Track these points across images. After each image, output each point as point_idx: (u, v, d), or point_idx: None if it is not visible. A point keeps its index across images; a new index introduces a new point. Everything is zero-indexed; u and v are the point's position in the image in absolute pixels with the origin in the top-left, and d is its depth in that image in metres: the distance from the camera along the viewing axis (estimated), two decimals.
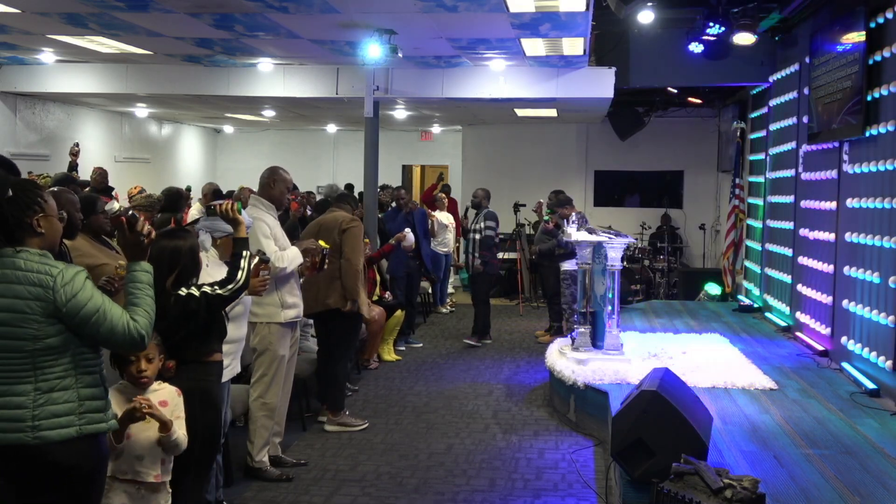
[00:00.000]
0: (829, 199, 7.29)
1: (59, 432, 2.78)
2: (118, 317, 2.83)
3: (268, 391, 5.17)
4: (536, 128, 14.98)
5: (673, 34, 9.40)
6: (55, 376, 2.80)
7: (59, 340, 2.79)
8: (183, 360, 3.52)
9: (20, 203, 2.82)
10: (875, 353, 6.05)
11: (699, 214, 14.17)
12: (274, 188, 5.28)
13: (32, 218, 2.84)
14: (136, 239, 3.00)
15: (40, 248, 2.85)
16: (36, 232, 2.84)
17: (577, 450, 5.82)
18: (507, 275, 13.53)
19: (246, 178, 15.74)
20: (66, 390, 2.81)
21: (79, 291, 2.79)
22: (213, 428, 3.61)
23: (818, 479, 4.24)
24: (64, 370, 2.82)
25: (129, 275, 2.97)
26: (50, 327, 2.78)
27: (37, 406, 2.77)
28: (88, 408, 2.85)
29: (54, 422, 2.79)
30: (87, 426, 2.84)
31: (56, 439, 2.78)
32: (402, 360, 8.77)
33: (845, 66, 6.76)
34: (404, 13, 7.27)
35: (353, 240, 6.09)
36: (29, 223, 2.83)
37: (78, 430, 2.82)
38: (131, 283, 2.95)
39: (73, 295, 2.78)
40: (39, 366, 2.78)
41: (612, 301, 6.64)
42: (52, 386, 2.79)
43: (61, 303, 2.76)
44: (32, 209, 2.84)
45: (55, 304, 2.76)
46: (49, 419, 2.78)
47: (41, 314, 2.76)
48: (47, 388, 2.79)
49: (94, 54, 9.78)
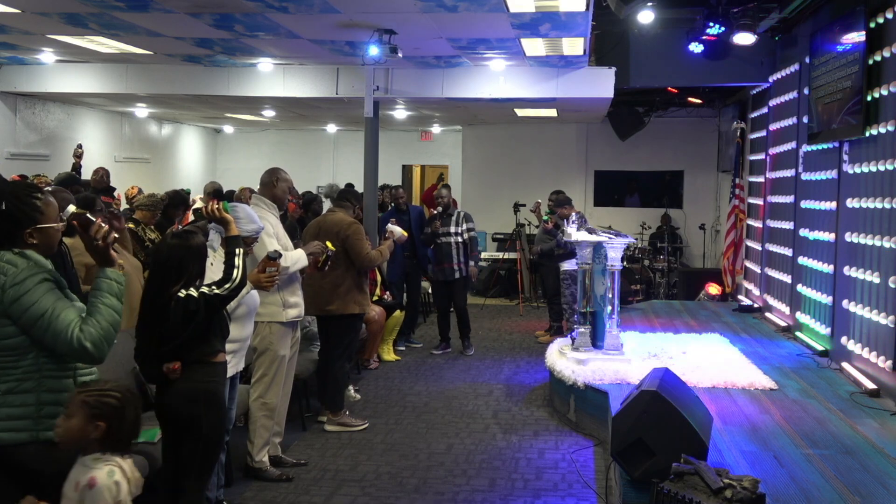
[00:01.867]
0: (829, 199, 7.29)
1: (11, 435, 2.70)
2: (64, 324, 2.71)
3: (268, 391, 5.17)
4: (536, 128, 14.98)
5: (673, 34, 9.40)
6: (14, 378, 2.72)
7: (16, 342, 2.71)
8: (187, 361, 3.51)
9: (13, 217, 2.76)
10: (875, 353, 6.05)
11: (699, 214, 14.18)
12: (276, 187, 5.31)
13: (24, 230, 2.77)
14: (90, 242, 2.89)
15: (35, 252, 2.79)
16: (28, 244, 2.79)
17: (577, 450, 5.83)
18: (507, 275, 13.55)
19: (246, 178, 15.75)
20: (24, 393, 2.72)
21: (25, 293, 2.69)
22: (217, 428, 3.60)
23: (818, 479, 4.24)
24: (24, 373, 2.73)
25: (94, 281, 2.86)
26: (4, 328, 2.69)
27: None
28: (48, 413, 2.75)
29: (8, 424, 2.70)
30: (45, 432, 2.74)
31: (9, 441, 2.70)
32: (402, 360, 8.77)
33: (845, 66, 6.76)
34: (404, 13, 7.27)
35: (357, 243, 6.17)
36: (21, 236, 2.77)
37: (33, 434, 2.73)
38: (92, 291, 2.83)
39: (18, 296, 2.68)
40: (0, 366, 2.71)
41: (612, 301, 6.64)
42: (10, 388, 2.71)
43: (7, 302, 2.68)
44: (26, 223, 2.77)
45: (2, 303, 2.68)
46: (4, 421, 2.70)
47: None
48: (5, 390, 2.71)
49: (94, 54, 9.78)
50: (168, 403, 3.53)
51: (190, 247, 3.51)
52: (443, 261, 9.11)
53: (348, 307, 6.14)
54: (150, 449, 4.11)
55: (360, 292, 6.25)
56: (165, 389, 3.54)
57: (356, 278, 6.22)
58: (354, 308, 6.18)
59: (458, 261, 9.12)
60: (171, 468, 3.58)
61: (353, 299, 6.17)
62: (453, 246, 9.10)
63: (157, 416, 3.66)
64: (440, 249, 9.11)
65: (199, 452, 3.50)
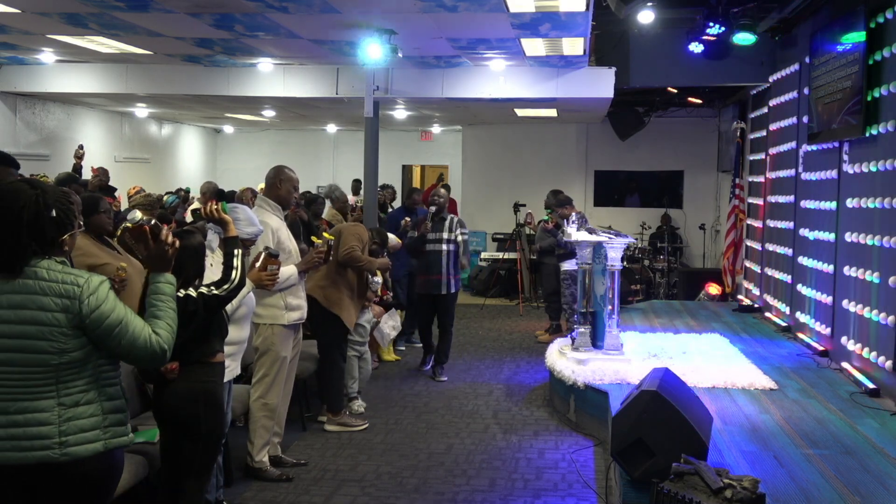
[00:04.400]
0: (829, 199, 7.29)
1: (86, 447, 2.70)
2: (139, 330, 2.74)
3: (269, 392, 5.16)
4: (536, 128, 14.98)
5: (673, 34, 9.41)
6: (78, 390, 2.71)
7: (82, 354, 2.70)
8: (185, 361, 3.51)
9: (61, 223, 2.75)
10: (875, 353, 6.05)
11: (699, 214, 14.18)
12: (280, 188, 5.23)
13: (62, 237, 2.77)
14: (161, 249, 2.92)
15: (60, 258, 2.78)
16: (63, 250, 2.78)
17: (577, 450, 5.83)
18: (507, 275, 13.56)
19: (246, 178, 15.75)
20: (90, 404, 2.73)
21: (103, 302, 2.70)
22: (216, 429, 3.61)
23: (818, 479, 4.24)
24: (86, 384, 2.73)
25: (152, 286, 2.88)
26: (75, 340, 2.68)
27: (63, 421, 2.67)
28: (112, 421, 2.78)
29: (81, 437, 2.70)
30: (112, 440, 2.76)
31: (84, 455, 2.70)
32: (402, 360, 8.77)
33: (845, 66, 6.76)
34: (404, 13, 7.27)
35: (348, 238, 6.16)
36: (60, 241, 2.77)
37: (105, 444, 2.74)
38: (154, 295, 2.86)
39: (97, 306, 2.68)
40: (62, 380, 2.69)
41: (612, 301, 6.64)
42: (76, 400, 2.70)
43: (86, 313, 2.67)
44: (68, 229, 2.78)
45: (80, 315, 2.67)
46: (76, 434, 2.69)
47: (67, 326, 2.66)
48: (71, 403, 2.70)
49: (94, 54, 9.79)
50: (167, 403, 3.53)
51: (188, 247, 3.51)
52: (430, 271, 7.91)
53: (333, 306, 6.05)
54: (150, 449, 4.11)
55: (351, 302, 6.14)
56: (164, 389, 3.54)
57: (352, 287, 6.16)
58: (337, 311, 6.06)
59: (448, 272, 7.90)
60: (171, 468, 3.58)
61: (339, 302, 6.07)
62: (444, 254, 7.90)
63: (156, 416, 3.66)
64: (427, 258, 7.93)
65: (198, 453, 3.50)
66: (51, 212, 2.72)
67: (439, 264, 7.90)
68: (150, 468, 4.07)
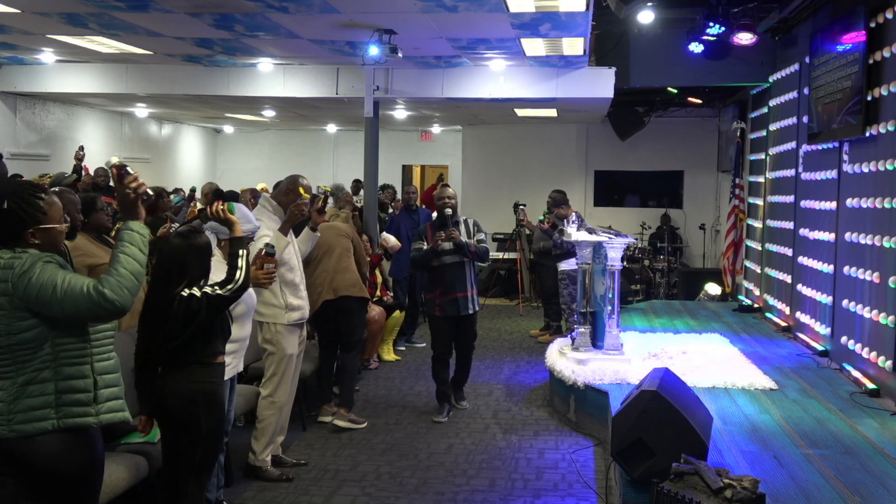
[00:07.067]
0: (829, 199, 7.29)
1: (34, 426, 2.77)
2: (79, 286, 2.73)
3: (277, 390, 5.21)
4: (536, 128, 14.99)
5: (673, 34, 9.41)
6: (32, 369, 2.78)
7: (33, 334, 2.76)
8: (187, 361, 3.51)
9: (15, 216, 2.78)
10: (875, 353, 6.05)
11: (699, 214, 14.18)
12: (287, 197, 5.22)
13: (27, 230, 2.80)
14: (123, 191, 2.93)
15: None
16: (30, 243, 2.81)
17: (577, 450, 5.83)
18: (507, 275, 13.56)
19: (246, 178, 15.76)
20: (42, 383, 2.79)
21: (34, 275, 2.73)
22: (217, 429, 3.60)
23: (818, 479, 4.24)
24: (41, 363, 2.79)
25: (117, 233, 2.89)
26: (21, 322, 2.74)
27: (13, 400, 2.76)
28: (66, 401, 2.81)
29: (30, 415, 2.77)
30: (65, 419, 2.81)
31: (31, 432, 2.76)
32: (402, 360, 8.77)
33: (845, 66, 6.76)
34: (404, 13, 7.27)
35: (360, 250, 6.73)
36: (24, 236, 2.80)
37: (55, 423, 2.79)
38: (116, 241, 2.86)
39: (28, 279, 2.72)
40: (18, 360, 2.77)
41: (612, 301, 6.64)
42: (29, 379, 2.78)
43: (19, 290, 2.72)
44: (29, 222, 2.80)
45: (15, 294, 2.73)
46: (25, 412, 2.77)
47: (10, 308, 2.73)
48: (24, 382, 2.77)
49: (94, 54, 9.79)
50: (167, 404, 3.52)
51: (193, 246, 3.51)
52: (452, 288, 6.45)
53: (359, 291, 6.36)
54: (150, 449, 4.11)
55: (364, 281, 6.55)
56: (164, 391, 3.54)
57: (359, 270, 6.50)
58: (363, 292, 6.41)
59: (472, 287, 6.58)
60: (171, 469, 3.58)
61: (358, 286, 6.39)
62: (466, 266, 6.50)
63: (156, 416, 3.65)
64: (446, 273, 6.44)
65: (198, 453, 3.50)
66: (2, 203, 2.76)
67: (463, 279, 6.50)
68: (150, 468, 4.08)
